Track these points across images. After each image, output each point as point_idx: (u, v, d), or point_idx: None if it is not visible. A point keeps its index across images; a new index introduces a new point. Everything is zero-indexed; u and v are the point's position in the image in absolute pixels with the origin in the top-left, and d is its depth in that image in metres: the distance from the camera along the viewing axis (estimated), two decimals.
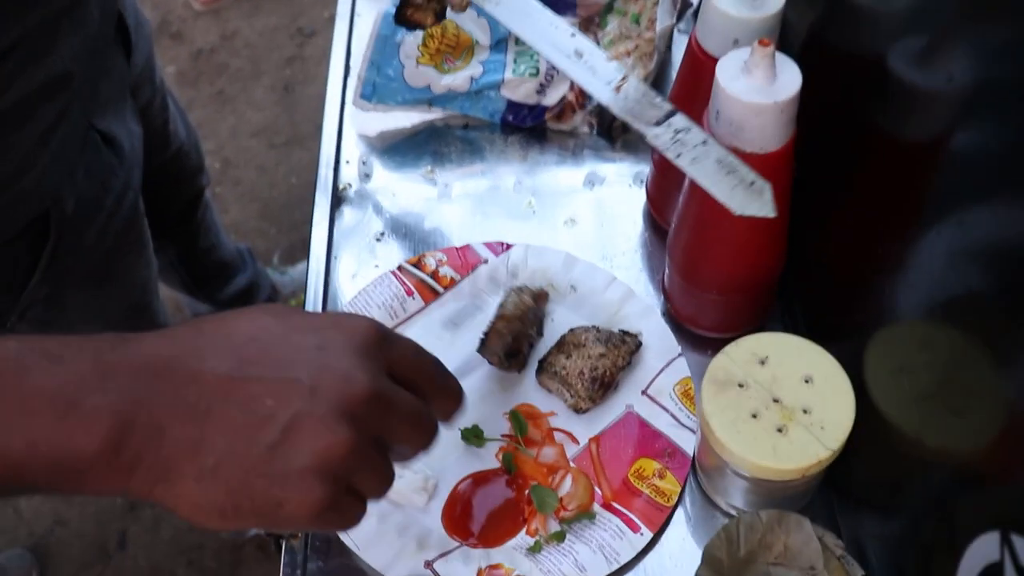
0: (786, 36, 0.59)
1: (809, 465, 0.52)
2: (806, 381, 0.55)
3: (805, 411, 0.54)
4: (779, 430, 0.53)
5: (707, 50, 0.58)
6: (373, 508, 0.61)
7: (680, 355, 0.68)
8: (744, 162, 0.53)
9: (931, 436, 0.51)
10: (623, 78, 0.48)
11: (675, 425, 0.65)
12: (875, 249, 0.56)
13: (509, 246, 0.74)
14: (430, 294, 0.72)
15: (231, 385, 0.39)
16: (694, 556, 0.60)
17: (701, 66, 0.58)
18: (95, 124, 0.75)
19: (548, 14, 0.49)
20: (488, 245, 0.74)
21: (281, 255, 1.87)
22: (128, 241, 0.83)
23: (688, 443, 0.64)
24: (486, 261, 0.73)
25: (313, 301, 0.72)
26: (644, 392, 0.67)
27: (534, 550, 0.59)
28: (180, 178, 1.18)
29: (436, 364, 0.45)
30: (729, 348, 0.57)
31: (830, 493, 0.61)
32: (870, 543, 0.57)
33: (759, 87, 0.51)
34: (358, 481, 0.43)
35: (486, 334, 0.67)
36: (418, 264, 0.73)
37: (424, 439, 0.44)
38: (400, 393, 0.42)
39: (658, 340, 0.69)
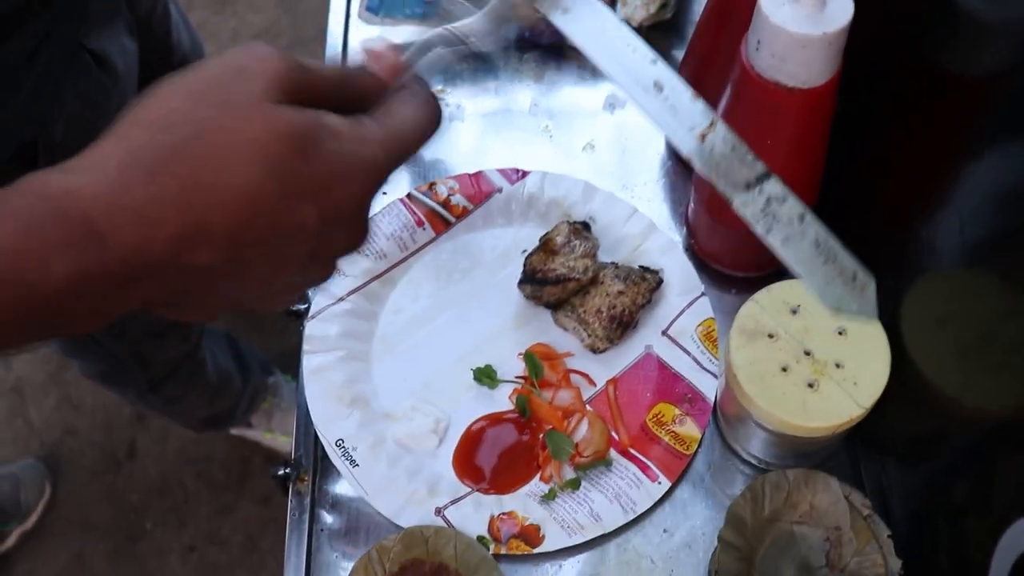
0: None
1: (840, 423, 0.50)
2: (839, 333, 0.52)
3: (838, 365, 0.51)
4: (810, 385, 0.51)
5: None
6: (383, 452, 0.59)
7: (703, 294, 0.65)
8: (785, 98, 0.49)
9: (971, 394, 0.48)
10: (711, 124, 0.38)
11: (696, 369, 0.62)
12: (919, 191, 0.52)
13: (525, 173, 0.70)
14: (441, 224, 0.68)
15: (220, 276, 0.33)
16: (712, 506, 0.59)
17: None
18: (85, 43, 0.70)
19: (626, 32, 0.39)
20: (502, 172, 0.70)
21: None
22: None
23: (709, 388, 0.61)
24: (500, 190, 0.69)
25: None
26: (665, 332, 0.64)
27: (548, 498, 0.58)
28: None
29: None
30: (759, 295, 0.54)
31: (855, 443, 0.59)
32: (895, 498, 0.56)
33: (807, 16, 0.46)
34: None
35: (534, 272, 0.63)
36: (429, 192, 0.69)
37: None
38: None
39: (680, 277, 0.65)
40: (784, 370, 0.51)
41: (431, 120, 0.37)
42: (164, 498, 1.55)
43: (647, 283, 0.64)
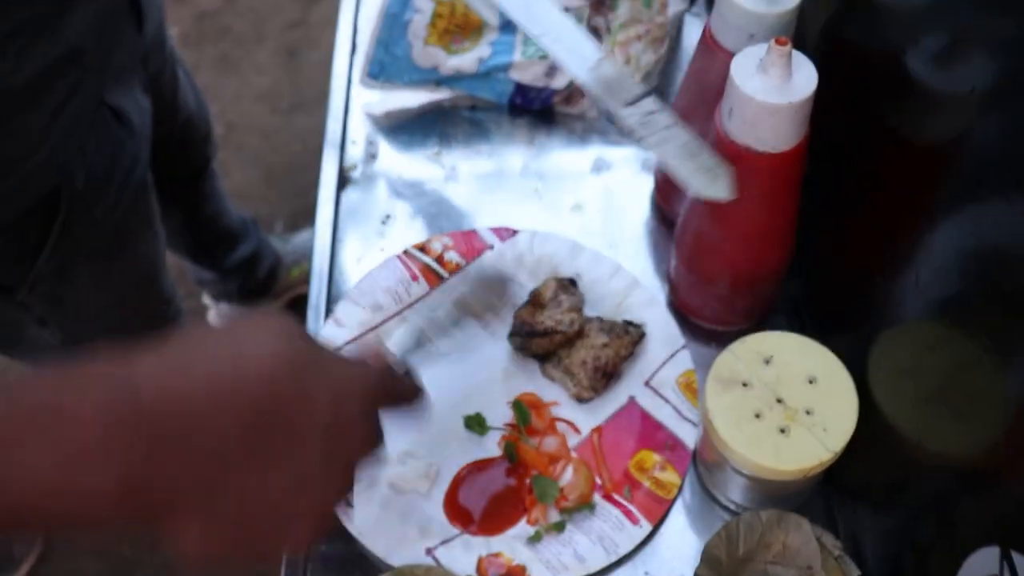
0: (801, 31, 0.58)
1: (811, 466, 0.52)
2: (810, 381, 0.55)
3: (808, 412, 0.54)
4: (782, 431, 0.53)
5: (721, 44, 0.57)
6: (375, 496, 0.61)
7: (684, 347, 0.68)
8: (756, 161, 0.53)
9: (933, 440, 0.51)
10: (600, 59, 0.50)
11: (677, 418, 0.65)
12: (883, 249, 0.56)
13: (515, 232, 0.73)
14: (435, 279, 0.72)
15: (244, 450, 0.38)
16: (692, 548, 0.61)
17: (714, 58, 0.57)
18: (106, 99, 0.74)
19: None
20: (495, 230, 0.73)
21: (285, 222, 1.86)
22: (137, 214, 0.82)
23: (689, 436, 0.64)
24: (491, 247, 0.72)
25: (318, 287, 0.72)
26: (647, 383, 0.67)
27: (534, 540, 0.60)
28: (188, 147, 1.17)
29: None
30: (734, 346, 0.57)
31: (829, 490, 0.62)
32: (867, 541, 0.58)
33: (775, 86, 0.50)
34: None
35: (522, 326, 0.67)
36: (424, 249, 0.72)
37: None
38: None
39: (662, 331, 0.68)
40: (758, 416, 0.54)
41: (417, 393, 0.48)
42: (156, 553, 1.54)
43: (630, 336, 0.67)
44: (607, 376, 0.66)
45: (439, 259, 0.72)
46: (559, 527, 0.60)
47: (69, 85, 0.68)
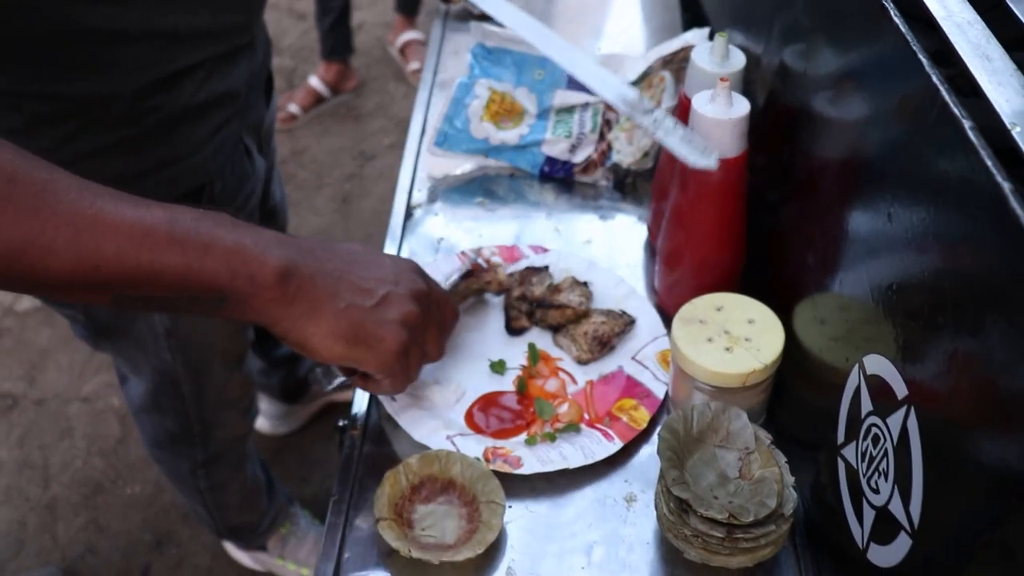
0: (749, 85, 0.83)
1: (750, 372, 0.72)
2: (750, 322, 0.75)
3: (747, 339, 0.74)
4: (727, 349, 0.73)
5: (691, 97, 0.83)
6: (418, 406, 0.80)
7: (664, 335, 0.88)
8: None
9: (830, 357, 0.70)
10: (630, 87, 0.75)
11: (653, 379, 0.84)
12: (802, 236, 0.78)
13: (547, 250, 0.96)
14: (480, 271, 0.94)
15: (351, 268, 0.67)
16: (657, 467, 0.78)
17: (687, 108, 0.83)
18: (243, 138, 1.00)
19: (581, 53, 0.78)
20: (531, 247, 0.96)
21: None
22: None
23: (660, 391, 0.83)
24: (527, 256, 0.95)
25: None
26: (633, 357, 0.87)
27: (530, 442, 0.78)
28: None
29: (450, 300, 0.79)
30: (695, 299, 0.78)
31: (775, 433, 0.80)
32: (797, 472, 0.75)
33: (720, 109, 0.75)
34: (424, 340, 0.71)
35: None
36: (476, 252, 0.95)
37: (446, 333, 0.78)
38: (441, 298, 0.75)
39: (649, 323, 0.89)
40: (710, 340, 0.74)
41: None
42: None
43: (623, 319, 0.88)
44: (603, 344, 0.86)
45: (487, 261, 0.94)
46: (551, 437, 0.79)
47: (225, 116, 0.94)
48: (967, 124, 0.47)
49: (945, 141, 0.49)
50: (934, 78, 0.51)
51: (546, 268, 0.92)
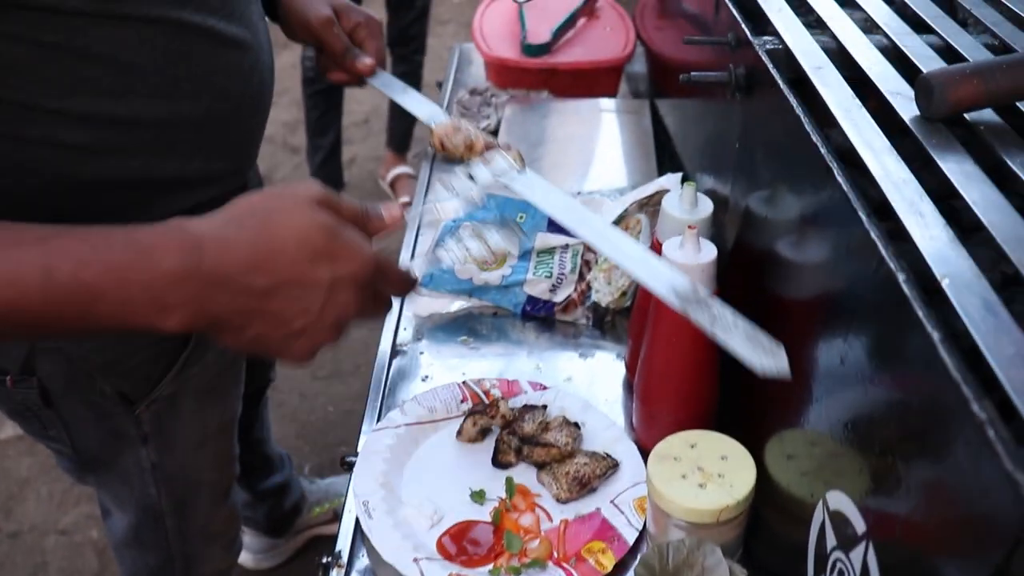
0: (718, 228, 0.89)
1: (723, 507, 0.74)
2: (723, 458, 0.78)
3: (720, 475, 0.76)
4: (700, 485, 0.75)
5: (662, 241, 0.88)
6: (392, 525, 0.82)
7: (644, 481, 0.90)
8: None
9: (802, 493, 0.72)
10: (682, 283, 0.69)
11: (626, 525, 0.85)
12: (767, 384, 0.81)
13: (546, 387, 0.99)
14: (479, 401, 0.97)
15: (268, 301, 0.64)
16: None
17: (659, 251, 0.88)
18: None
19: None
20: (531, 383, 0.99)
21: (311, 468, 2.08)
22: (233, 367, 1.09)
23: (632, 537, 0.84)
24: (525, 392, 0.98)
25: (376, 395, 0.97)
26: (612, 501, 0.88)
27: (493, 574, 0.80)
28: (254, 365, 1.45)
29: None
30: (670, 437, 0.80)
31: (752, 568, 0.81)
32: None
33: (689, 255, 0.80)
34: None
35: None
36: (478, 383, 0.98)
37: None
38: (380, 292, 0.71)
39: (632, 467, 0.91)
40: (684, 477, 0.76)
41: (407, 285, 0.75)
42: None
43: (607, 462, 0.90)
44: (583, 485, 0.88)
45: (486, 392, 0.97)
46: (515, 571, 0.80)
47: (209, 194, 0.96)
48: (901, 277, 0.51)
49: (884, 290, 0.54)
50: (872, 233, 0.56)
51: (544, 407, 0.95)
